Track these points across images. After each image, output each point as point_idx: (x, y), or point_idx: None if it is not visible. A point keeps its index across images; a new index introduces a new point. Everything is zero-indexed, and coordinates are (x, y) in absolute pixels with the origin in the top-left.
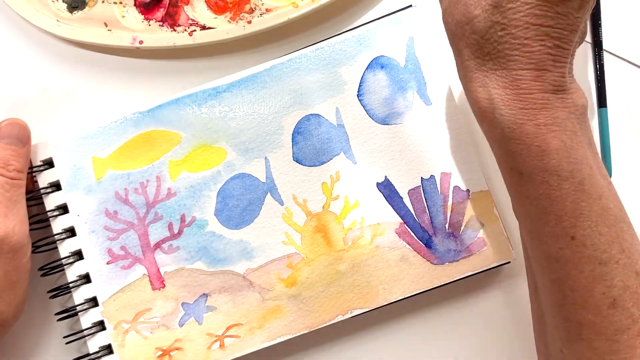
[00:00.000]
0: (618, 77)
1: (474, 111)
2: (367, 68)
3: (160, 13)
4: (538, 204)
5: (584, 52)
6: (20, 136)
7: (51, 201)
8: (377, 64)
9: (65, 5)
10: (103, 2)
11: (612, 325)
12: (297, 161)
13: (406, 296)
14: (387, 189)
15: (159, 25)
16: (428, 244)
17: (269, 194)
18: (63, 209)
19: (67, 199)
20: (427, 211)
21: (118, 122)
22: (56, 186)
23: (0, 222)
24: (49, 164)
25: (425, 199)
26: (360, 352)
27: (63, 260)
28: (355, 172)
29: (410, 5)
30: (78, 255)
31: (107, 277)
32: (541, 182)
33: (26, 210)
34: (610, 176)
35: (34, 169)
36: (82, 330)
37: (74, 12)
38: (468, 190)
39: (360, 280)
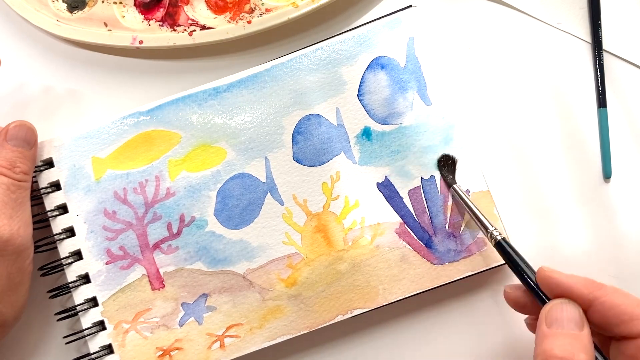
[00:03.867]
0: (618, 77)
1: None
2: (367, 68)
3: (160, 13)
4: None
5: (584, 52)
6: (28, 138)
7: (51, 201)
8: (377, 64)
9: (65, 5)
10: (103, 2)
11: None
12: (297, 161)
13: (406, 296)
14: (387, 189)
15: (159, 25)
16: (428, 244)
17: (269, 194)
18: (63, 209)
19: (66, 199)
20: (427, 211)
21: (118, 122)
22: (56, 186)
23: (5, 224)
24: (48, 164)
25: (425, 199)
26: (360, 352)
27: (63, 261)
28: (355, 172)
29: (410, 5)
30: (77, 255)
31: (107, 278)
32: None
33: (30, 213)
34: (610, 177)
35: (34, 169)
36: (83, 330)
37: (74, 12)
38: (468, 190)
39: (360, 280)
